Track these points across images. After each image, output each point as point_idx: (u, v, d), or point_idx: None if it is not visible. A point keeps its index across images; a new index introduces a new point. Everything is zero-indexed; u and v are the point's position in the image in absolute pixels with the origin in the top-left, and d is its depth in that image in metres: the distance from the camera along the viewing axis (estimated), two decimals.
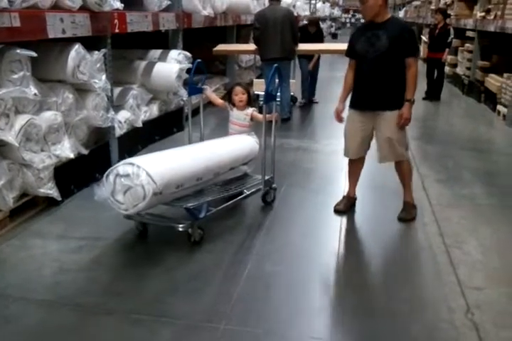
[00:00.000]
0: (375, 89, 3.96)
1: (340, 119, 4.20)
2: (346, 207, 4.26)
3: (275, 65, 4.31)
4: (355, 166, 4.30)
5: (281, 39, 7.17)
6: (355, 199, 4.38)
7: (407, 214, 4.13)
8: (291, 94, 8.34)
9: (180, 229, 3.57)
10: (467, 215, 4.27)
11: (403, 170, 4.18)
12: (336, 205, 4.27)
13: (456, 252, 3.60)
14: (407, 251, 3.68)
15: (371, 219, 4.17)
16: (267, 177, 4.23)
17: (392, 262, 3.53)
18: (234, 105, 4.37)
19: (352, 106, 4.12)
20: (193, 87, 4.49)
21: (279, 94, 7.62)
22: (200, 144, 4.26)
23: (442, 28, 9.66)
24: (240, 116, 4.36)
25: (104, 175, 3.36)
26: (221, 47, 8.42)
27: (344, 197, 4.34)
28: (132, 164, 3.32)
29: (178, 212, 3.86)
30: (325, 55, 9.46)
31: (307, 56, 8.58)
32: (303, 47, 7.80)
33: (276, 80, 4.34)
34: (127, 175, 3.28)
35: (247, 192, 4.15)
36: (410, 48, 3.90)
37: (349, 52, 4.11)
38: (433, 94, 9.72)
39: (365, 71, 4.00)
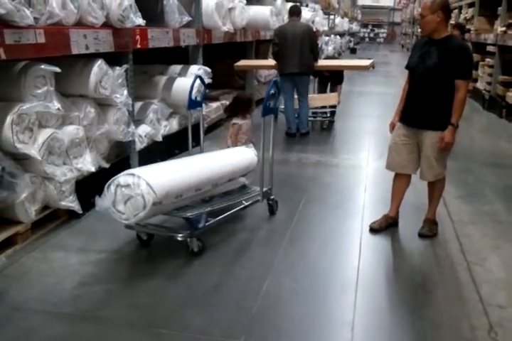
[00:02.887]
0: (419, 107, 3.93)
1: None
2: (381, 226, 4.16)
3: (274, 79, 4.41)
4: (398, 183, 4.22)
5: (300, 54, 7.19)
6: (394, 219, 4.25)
7: (428, 230, 4.08)
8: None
9: (179, 239, 3.64)
10: (488, 232, 4.22)
11: (436, 187, 4.12)
12: (372, 223, 4.20)
13: (477, 269, 3.56)
14: (428, 268, 3.64)
15: (391, 234, 4.14)
16: (265, 189, 4.27)
17: (412, 279, 3.49)
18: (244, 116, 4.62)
19: (400, 119, 4.10)
20: (192, 101, 4.55)
21: (297, 107, 7.68)
22: (201, 156, 4.34)
23: None
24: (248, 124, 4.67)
25: (106, 186, 3.43)
26: (242, 62, 8.52)
27: (383, 215, 4.26)
28: (133, 174, 3.40)
29: (178, 222, 3.92)
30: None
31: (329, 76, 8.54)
32: (322, 62, 7.82)
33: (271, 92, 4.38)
34: (128, 185, 3.35)
35: (246, 203, 4.19)
36: (460, 70, 3.76)
37: (407, 65, 4.09)
38: None
39: (413, 86, 3.99)
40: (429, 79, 3.85)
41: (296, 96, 7.64)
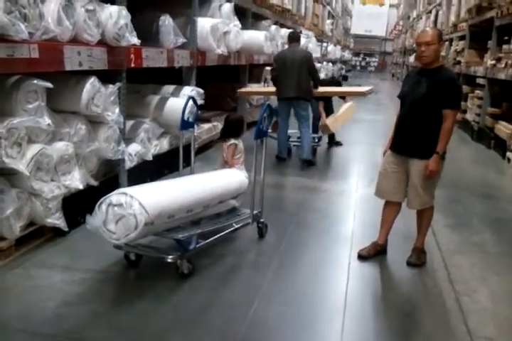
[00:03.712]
0: (407, 135, 3.95)
1: None
2: (369, 253, 4.12)
3: (267, 102, 4.38)
4: (388, 211, 4.21)
5: (298, 79, 7.13)
6: (383, 246, 4.21)
7: (417, 259, 4.05)
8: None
9: (169, 261, 3.58)
10: (477, 263, 4.19)
11: (424, 216, 4.11)
12: (360, 250, 4.16)
13: (466, 300, 3.52)
14: (416, 297, 3.59)
15: (380, 262, 4.10)
16: (255, 212, 4.24)
17: (400, 308, 3.45)
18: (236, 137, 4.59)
19: (390, 146, 4.12)
20: (185, 122, 4.54)
21: (291, 130, 7.63)
22: (192, 177, 4.32)
23: None
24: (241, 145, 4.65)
25: (97, 205, 3.36)
26: (245, 89, 8.85)
27: (372, 242, 4.22)
28: (125, 194, 3.34)
29: (167, 243, 3.85)
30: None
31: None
32: (322, 89, 7.81)
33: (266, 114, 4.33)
34: (120, 205, 3.30)
35: (236, 226, 4.15)
36: (449, 100, 3.79)
37: (399, 94, 4.11)
38: None
39: (403, 115, 4.02)
40: (417, 108, 3.88)
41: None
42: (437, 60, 3.89)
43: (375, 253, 4.14)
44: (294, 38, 7.64)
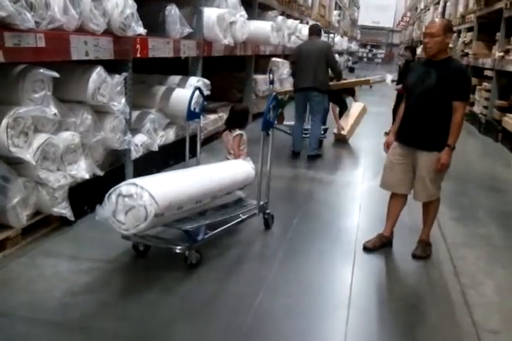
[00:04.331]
0: (416, 126, 3.91)
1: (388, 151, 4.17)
2: (374, 245, 4.11)
3: (274, 93, 4.35)
4: (394, 203, 4.19)
5: (314, 70, 6.98)
6: (388, 238, 4.19)
7: (422, 251, 4.04)
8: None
9: (178, 251, 3.58)
10: (482, 255, 4.19)
11: (430, 208, 4.10)
12: (366, 242, 4.15)
13: (471, 292, 3.52)
14: (421, 290, 3.59)
15: (385, 254, 4.09)
16: (261, 203, 4.24)
17: (405, 300, 3.44)
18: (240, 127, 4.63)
19: (396, 138, 4.09)
20: (191, 112, 4.53)
21: (300, 125, 7.58)
22: (200, 167, 4.31)
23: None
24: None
25: (107, 195, 3.35)
26: (283, 89, 9.32)
27: (378, 234, 4.20)
28: (135, 184, 3.33)
29: (175, 234, 3.86)
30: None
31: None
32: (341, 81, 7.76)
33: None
34: (130, 196, 3.28)
35: (243, 217, 4.15)
36: (458, 92, 3.77)
37: (404, 85, 4.06)
38: None
39: (410, 106, 3.98)
40: (426, 99, 3.84)
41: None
42: (444, 52, 3.85)
43: (380, 246, 4.13)
44: (313, 31, 7.50)
